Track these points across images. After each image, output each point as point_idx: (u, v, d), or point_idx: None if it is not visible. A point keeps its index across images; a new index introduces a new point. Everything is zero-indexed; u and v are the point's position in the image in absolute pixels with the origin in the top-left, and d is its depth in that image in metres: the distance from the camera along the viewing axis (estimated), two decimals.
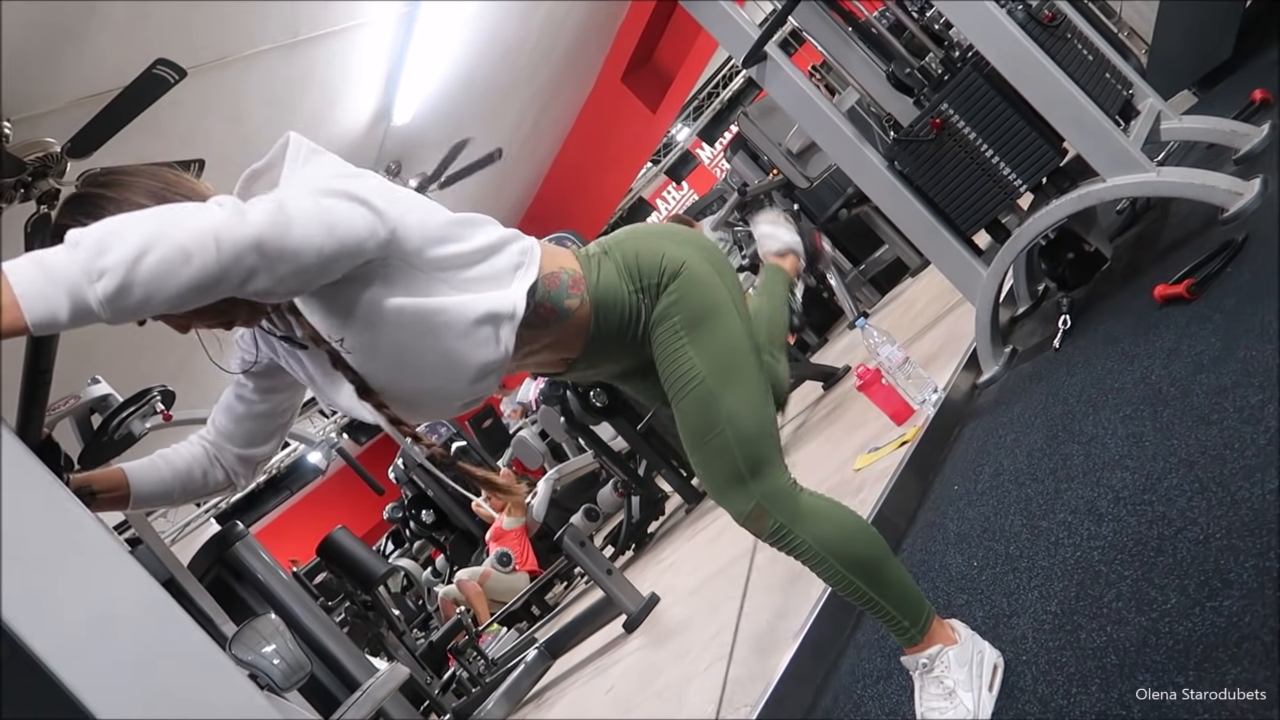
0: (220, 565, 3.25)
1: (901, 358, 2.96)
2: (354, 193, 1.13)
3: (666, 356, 1.38)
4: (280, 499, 13.26)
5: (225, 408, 1.41)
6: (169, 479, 1.38)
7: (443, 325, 1.21)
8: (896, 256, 6.18)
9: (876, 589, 1.38)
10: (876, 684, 1.68)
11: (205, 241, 0.94)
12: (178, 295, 0.94)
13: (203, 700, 0.77)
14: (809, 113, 2.90)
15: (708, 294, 1.38)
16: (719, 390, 1.35)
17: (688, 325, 1.36)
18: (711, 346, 1.36)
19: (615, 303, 1.37)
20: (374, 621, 5.20)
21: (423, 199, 1.27)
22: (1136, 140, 2.53)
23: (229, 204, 1.00)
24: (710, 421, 1.35)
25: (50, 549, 0.77)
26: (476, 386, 1.28)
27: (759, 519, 1.36)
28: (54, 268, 0.87)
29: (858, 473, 2.85)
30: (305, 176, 1.18)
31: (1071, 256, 2.92)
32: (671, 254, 1.39)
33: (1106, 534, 1.51)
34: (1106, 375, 2.09)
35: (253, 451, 1.42)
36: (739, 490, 1.36)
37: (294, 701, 1.85)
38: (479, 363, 1.25)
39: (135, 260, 0.90)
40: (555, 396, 5.37)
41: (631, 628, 3.56)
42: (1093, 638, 1.30)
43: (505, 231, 1.32)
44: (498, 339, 1.25)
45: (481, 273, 1.25)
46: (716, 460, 1.36)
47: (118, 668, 0.73)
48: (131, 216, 0.94)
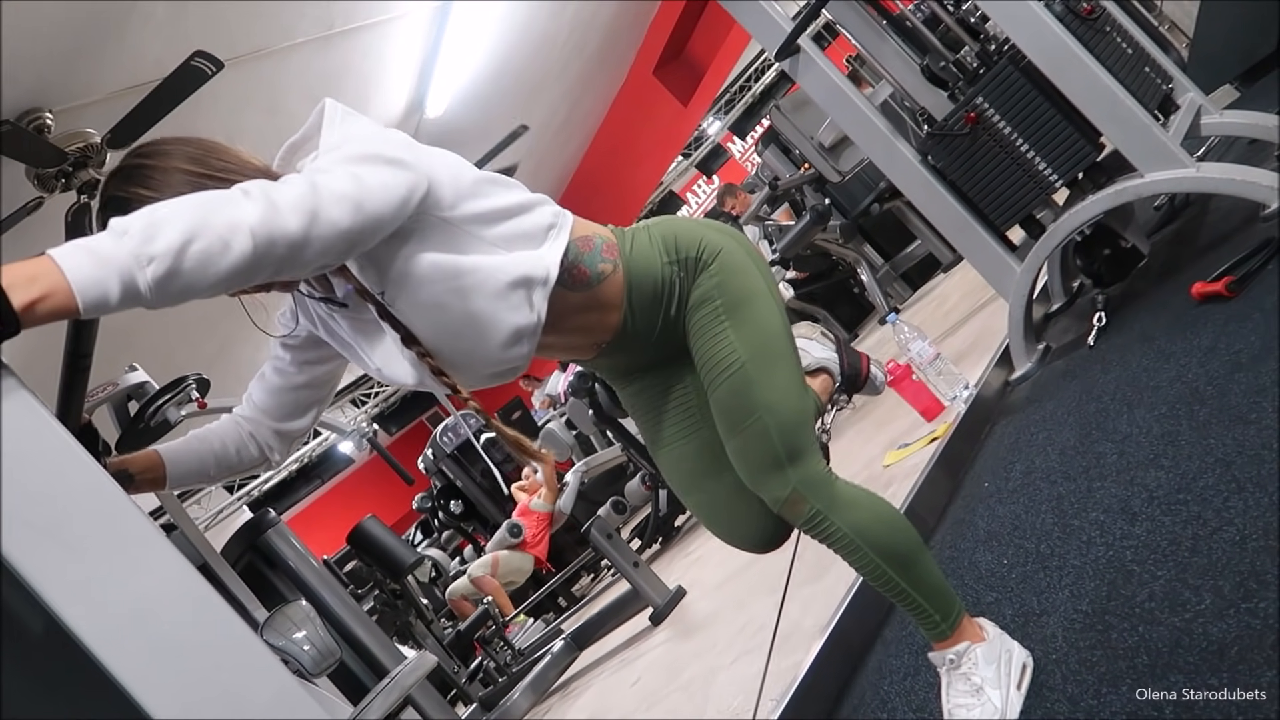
0: (252, 552, 3.29)
1: (933, 353, 2.94)
2: (387, 154, 1.14)
3: (706, 340, 1.36)
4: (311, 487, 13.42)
5: (262, 381, 1.42)
6: (204, 458, 1.39)
7: (476, 285, 1.21)
8: (929, 252, 6.12)
9: (909, 580, 1.38)
10: (903, 681, 1.67)
11: (241, 232, 0.96)
12: (217, 283, 0.96)
13: (239, 683, 0.78)
14: (842, 106, 2.88)
15: (747, 280, 1.38)
16: (758, 376, 1.34)
17: (729, 309, 1.35)
18: (752, 332, 1.35)
19: (649, 272, 1.36)
20: (402, 610, 5.25)
21: (451, 155, 1.28)
22: (1176, 135, 2.49)
23: (257, 191, 1.01)
24: (748, 407, 1.34)
25: (93, 534, 0.78)
26: (509, 351, 1.28)
27: (795, 505, 1.36)
28: (104, 253, 0.89)
29: (887, 469, 2.83)
30: (339, 142, 1.19)
31: (1107, 253, 2.89)
32: (710, 239, 1.39)
33: (1140, 533, 1.49)
34: (1142, 373, 2.07)
35: (289, 426, 1.42)
36: (776, 476, 1.35)
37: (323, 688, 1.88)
38: (512, 326, 1.25)
39: (182, 248, 0.92)
40: (584, 389, 5.38)
41: (658, 620, 3.57)
42: (1124, 638, 1.29)
43: (535, 194, 1.32)
44: (530, 302, 1.25)
45: (514, 229, 1.25)
46: (754, 446, 1.35)
47: (157, 651, 0.75)
48: (173, 206, 0.96)
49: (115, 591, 0.76)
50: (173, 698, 0.73)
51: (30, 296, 0.84)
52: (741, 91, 14.58)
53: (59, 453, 0.81)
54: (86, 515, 0.79)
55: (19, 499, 0.76)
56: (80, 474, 0.80)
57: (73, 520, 0.78)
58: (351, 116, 1.24)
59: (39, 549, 0.74)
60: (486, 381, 1.35)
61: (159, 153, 1.21)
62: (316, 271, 1.14)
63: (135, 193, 1.16)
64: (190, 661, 0.76)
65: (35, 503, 0.77)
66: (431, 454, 8.14)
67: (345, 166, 1.11)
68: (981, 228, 2.74)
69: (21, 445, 0.79)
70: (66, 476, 0.80)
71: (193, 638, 0.78)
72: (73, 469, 0.80)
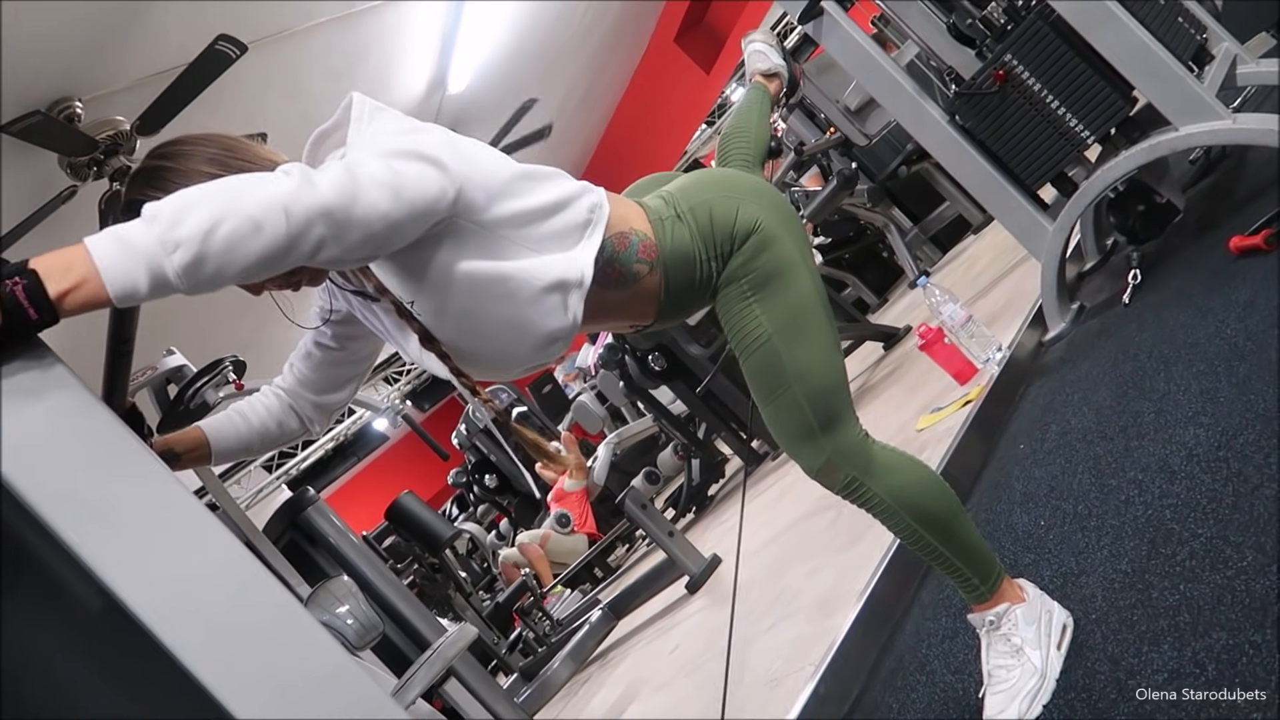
0: (294, 529, 3.35)
1: (964, 316, 2.91)
2: (422, 151, 1.13)
3: (732, 317, 1.37)
4: (348, 465, 13.59)
5: (304, 355, 1.43)
6: (246, 433, 1.41)
7: (510, 292, 1.21)
8: (958, 214, 6.04)
9: (947, 543, 1.38)
10: (942, 643, 1.68)
11: (274, 212, 0.95)
12: (250, 266, 0.95)
13: (288, 654, 0.80)
14: (867, 68, 2.84)
15: (779, 251, 1.37)
16: (785, 348, 1.34)
17: (755, 286, 1.35)
18: (779, 304, 1.35)
19: (688, 268, 1.35)
20: (441, 583, 5.32)
21: (488, 150, 1.26)
22: (1211, 86, 2.43)
23: (296, 172, 1.00)
24: (778, 380, 1.35)
25: (145, 515, 0.80)
26: (543, 352, 1.29)
27: (831, 472, 1.37)
28: (132, 241, 0.89)
29: (920, 433, 2.82)
30: (371, 136, 1.18)
31: (1142, 209, 2.84)
32: (745, 211, 1.36)
33: (1179, 491, 1.48)
34: (1179, 330, 2.04)
35: (329, 398, 1.44)
36: (810, 444, 1.36)
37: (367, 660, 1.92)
38: (547, 330, 1.25)
39: (209, 232, 0.91)
40: (614, 361, 5.39)
41: (694, 589, 3.59)
42: (1165, 596, 1.28)
43: (574, 185, 1.29)
44: (566, 307, 1.24)
45: (549, 230, 1.24)
46: (786, 415, 1.36)
47: (212, 627, 0.77)
48: (204, 189, 0.95)
49: (169, 570, 0.78)
50: (229, 672, 0.75)
51: (65, 286, 0.85)
52: None
53: (107, 436, 0.83)
54: (138, 496, 0.81)
55: (72, 482, 0.78)
56: (129, 456, 0.82)
57: (125, 502, 0.80)
58: (380, 112, 1.22)
59: (94, 530, 0.76)
60: (516, 376, 1.37)
61: (178, 153, 1.20)
62: (357, 262, 1.14)
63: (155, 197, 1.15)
64: (244, 636, 0.79)
65: (88, 485, 0.79)
66: (465, 429, 8.21)
67: (381, 158, 1.09)
68: (1012, 187, 2.70)
69: (72, 430, 0.81)
70: (116, 459, 0.82)
71: (245, 613, 0.80)
72: (121, 451, 0.82)
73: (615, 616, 4.23)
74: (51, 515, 0.76)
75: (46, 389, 0.82)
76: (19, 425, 0.79)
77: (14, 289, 0.82)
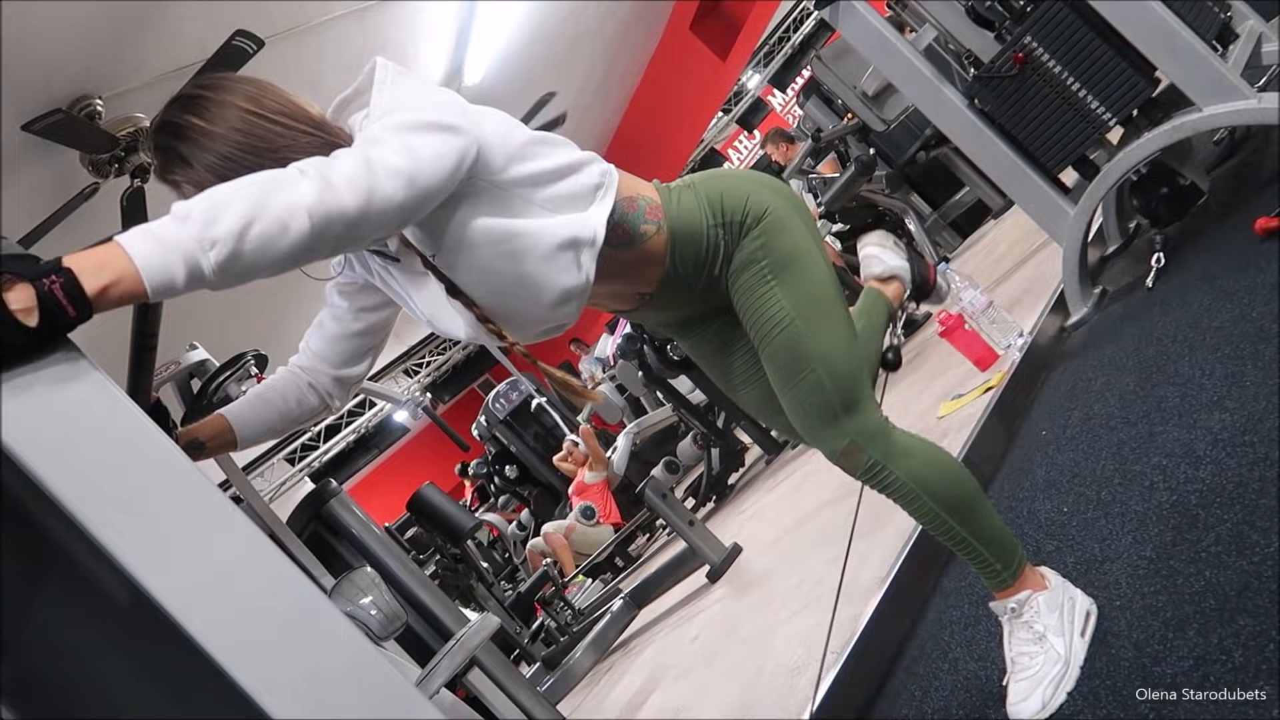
0: (317, 521, 3.37)
1: (985, 302, 2.89)
2: (440, 120, 1.16)
3: (753, 300, 1.37)
4: (370, 457, 13.68)
5: (320, 330, 1.45)
6: (268, 414, 1.44)
7: (525, 249, 1.24)
8: (978, 199, 5.99)
9: (969, 529, 1.38)
10: (964, 630, 1.67)
11: (299, 215, 0.98)
12: (278, 264, 0.99)
13: (314, 645, 0.81)
14: (885, 53, 2.83)
15: (793, 238, 1.37)
16: (809, 330, 1.34)
17: (775, 269, 1.35)
18: (800, 288, 1.35)
19: (694, 234, 1.36)
20: (463, 574, 5.34)
21: (504, 116, 1.29)
22: (1235, 66, 2.40)
23: (313, 172, 1.03)
24: (802, 361, 1.34)
25: (172, 509, 0.81)
26: (557, 311, 1.30)
27: (853, 456, 1.36)
28: (168, 239, 0.91)
29: (941, 420, 2.81)
30: (390, 106, 1.20)
31: (1165, 191, 2.81)
32: (756, 196, 1.38)
33: (1204, 477, 1.47)
34: (1203, 314, 2.02)
35: (347, 372, 1.46)
36: (832, 428, 1.36)
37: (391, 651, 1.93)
38: (561, 287, 1.27)
39: (242, 231, 0.94)
40: (632, 351, 5.39)
41: (715, 578, 3.59)
42: (1190, 583, 1.27)
43: (584, 153, 1.33)
44: (579, 264, 1.27)
45: (562, 190, 1.27)
46: (809, 399, 1.35)
47: (239, 618, 0.78)
48: (233, 189, 0.98)
49: (195, 562, 0.79)
50: (255, 663, 0.76)
51: (101, 283, 0.86)
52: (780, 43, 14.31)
53: (134, 430, 0.83)
54: (164, 490, 0.82)
55: (99, 476, 0.79)
56: (155, 450, 0.83)
57: (151, 496, 0.81)
58: (403, 77, 1.25)
59: (122, 524, 0.77)
60: (534, 338, 1.37)
61: (219, 86, 1.24)
62: (373, 245, 1.16)
63: (189, 120, 1.20)
64: (270, 628, 0.79)
65: (115, 479, 0.80)
66: (485, 420, 8.24)
67: (399, 137, 1.12)
68: (1033, 171, 2.68)
69: (99, 424, 0.82)
70: (143, 453, 0.83)
71: (270, 605, 0.81)
72: (148, 445, 0.83)
73: (636, 606, 4.24)
74: (80, 510, 0.77)
75: (74, 385, 0.83)
76: (47, 421, 0.80)
77: (52, 287, 0.84)
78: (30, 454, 0.78)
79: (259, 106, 1.23)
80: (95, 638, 0.92)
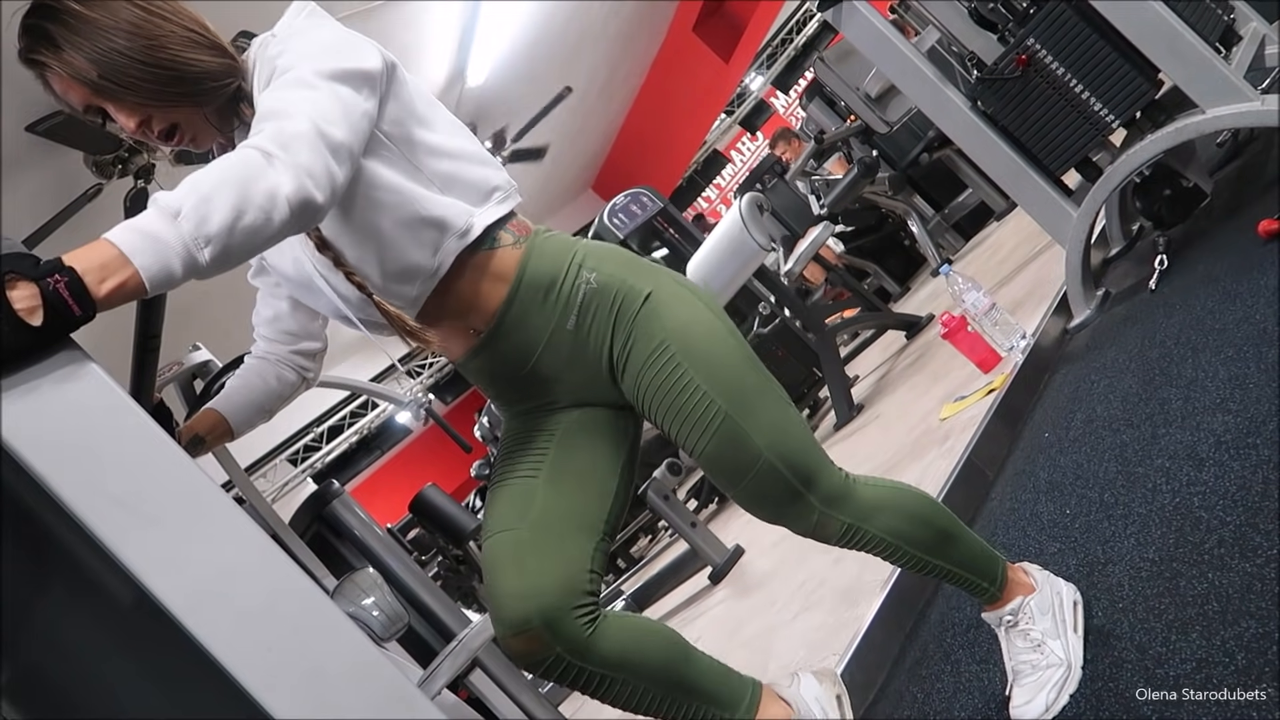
0: (319, 522, 3.37)
1: (988, 304, 2.89)
2: (361, 67, 1.17)
3: (669, 393, 1.25)
4: (372, 458, 13.68)
5: (259, 316, 1.47)
6: (253, 398, 1.45)
7: (388, 203, 1.19)
8: (980, 200, 5.99)
9: (951, 561, 1.37)
10: (966, 633, 1.67)
11: (280, 204, 0.99)
12: (259, 250, 1.02)
13: (316, 645, 0.81)
14: (888, 55, 2.82)
15: (689, 310, 1.28)
16: (744, 419, 1.24)
17: (684, 352, 1.24)
18: (717, 371, 1.25)
19: (551, 265, 1.26)
20: (466, 575, 5.35)
21: (423, 87, 1.28)
22: (1239, 68, 2.40)
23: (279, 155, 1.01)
24: (748, 457, 1.25)
25: (175, 509, 0.82)
26: (394, 285, 1.22)
27: (825, 526, 1.31)
28: (164, 238, 0.92)
29: (943, 422, 2.81)
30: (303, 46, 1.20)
31: (1168, 193, 2.80)
32: (643, 273, 1.29)
33: (1207, 479, 1.46)
34: (1206, 316, 2.02)
35: (307, 345, 1.48)
36: (797, 505, 1.29)
37: (393, 651, 1.93)
38: (408, 261, 1.21)
39: (233, 226, 0.96)
40: None
41: (717, 579, 3.59)
42: (1193, 585, 1.27)
43: (494, 159, 1.31)
44: (437, 249, 1.21)
45: (455, 171, 1.23)
46: (768, 490, 1.28)
47: (241, 619, 0.78)
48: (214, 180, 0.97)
49: (198, 562, 0.79)
50: (258, 662, 0.76)
51: (104, 281, 0.87)
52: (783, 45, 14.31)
53: (138, 431, 0.84)
54: (167, 491, 0.82)
55: (102, 476, 0.79)
56: (158, 451, 0.83)
57: (154, 496, 0.81)
58: (316, 15, 1.28)
59: (125, 524, 0.78)
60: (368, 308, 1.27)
61: None
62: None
63: (67, 4, 1.14)
64: (272, 628, 0.80)
65: (118, 480, 0.80)
66: (487, 421, 8.23)
67: (331, 86, 1.12)
68: (1036, 173, 2.68)
69: (102, 425, 0.82)
70: (146, 453, 0.83)
71: (273, 605, 0.81)
72: (151, 446, 0.84)
73: (638, 607, 4.24)
74: (83, 510, 0.77)
75: (77, 385, 0.83)
76: (51, 422, 0.80)
77: (57, 286, 0.84)
78: (33, 454, 0.78)
79: (147, 3, 1.20)
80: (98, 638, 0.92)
